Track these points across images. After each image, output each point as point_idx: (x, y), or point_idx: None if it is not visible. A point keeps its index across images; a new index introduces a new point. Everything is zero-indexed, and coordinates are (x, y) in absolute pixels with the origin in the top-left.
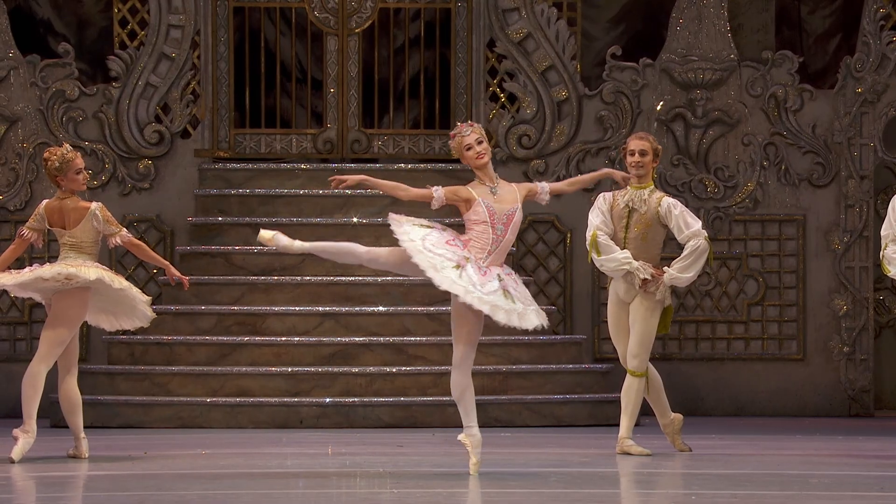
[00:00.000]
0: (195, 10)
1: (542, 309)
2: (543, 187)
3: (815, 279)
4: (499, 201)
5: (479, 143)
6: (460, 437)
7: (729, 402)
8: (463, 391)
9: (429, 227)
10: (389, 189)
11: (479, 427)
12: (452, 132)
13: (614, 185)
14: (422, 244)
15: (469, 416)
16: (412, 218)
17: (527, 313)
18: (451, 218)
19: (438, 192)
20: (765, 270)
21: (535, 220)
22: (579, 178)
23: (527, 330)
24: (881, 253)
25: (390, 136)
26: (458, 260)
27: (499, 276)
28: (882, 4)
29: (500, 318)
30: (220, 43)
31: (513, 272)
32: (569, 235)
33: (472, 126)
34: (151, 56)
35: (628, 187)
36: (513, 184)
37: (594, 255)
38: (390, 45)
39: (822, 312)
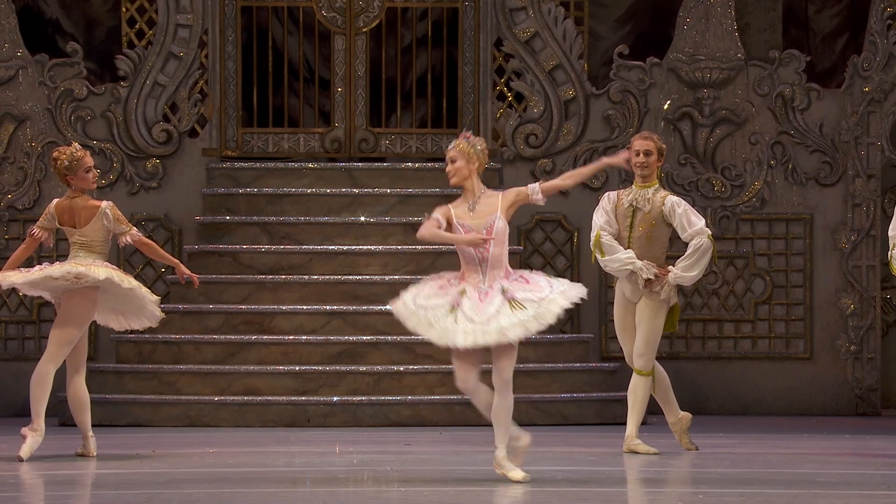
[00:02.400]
0: (203, 10)
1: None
2: (534, 188)
3: (823, 278)
4: (477, 216)
5: (453, 161)
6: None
7: (736, 401)
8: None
9: (423, 282)
10: (435, 237)
11: (488, 426)
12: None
13: (621, 183)
14: (413, 304)
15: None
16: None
17: (542, 312)
18: None
19: (429, 223)
20: (772, 269)
21: (542, 219)
22: (577, 171)
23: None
24: (889, 253)
25: (398, 136)
26: (453, 301)
27: (502, 288)
28: (889, 3)
29: (513, 335)
30: (228, 42)
31: (522, 273)
32: (576, 234)
33: (466, 139)
34: (159, 55)
35: (633, 186)
36: (499, 192)
37: (598, 256)
38: (398, 44)
39: (830, 311)
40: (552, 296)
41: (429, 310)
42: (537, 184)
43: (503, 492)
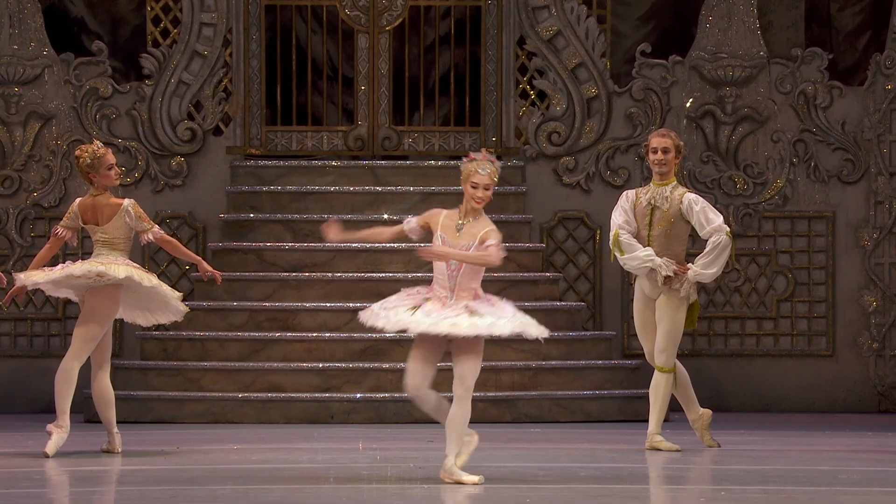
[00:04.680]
0: (227, 9)
1: (573, 305)
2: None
3: (845, 275)
4: (460, 237)
5: (486, 189)
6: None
7: (758, 399)
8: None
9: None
10: (367, 237)
11: (510, 423)
12: (472, 155)
13: (643, 182)
14: (380, 307)
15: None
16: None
17: (497, 323)
18: None
19: (411, 224)
20: (794, 267)
21: (564, 216)
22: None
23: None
24: None
25: (421, 134)
26: (417, 302)
27: (466, 305)
28: None
29: (464, 326)
30: (252, 41)
31: (490, 298)
32: (598, 232)
33: (492, 163)
34: (184, 54)
35: (651, 184)
36: (488, 221)
37: (617, 254)
38: (421, 42)
39: (852, 309)
40: (514, 318)
41: (391, 310)
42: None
43: (526, 488)
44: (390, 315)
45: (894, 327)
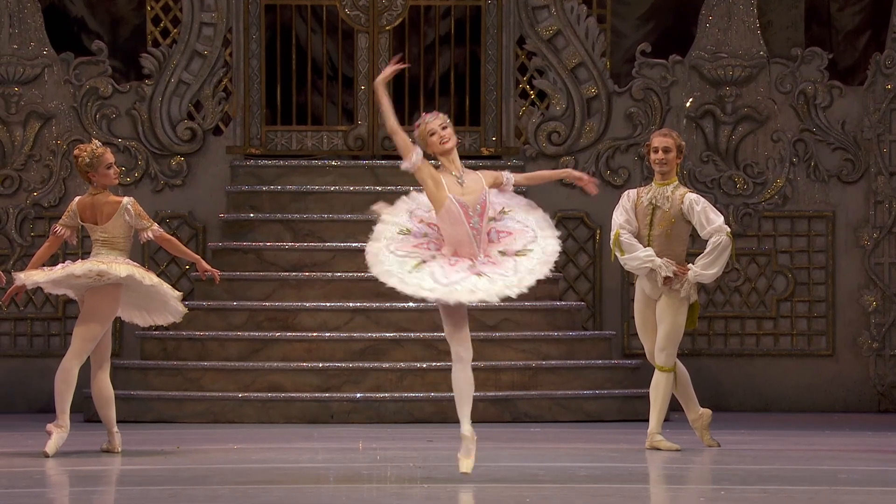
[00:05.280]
0: (227, 8)
1: (573, 305)
2: (509, 178)
3: (845, 275)
4: (467, 192)
5: (444, 128)
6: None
7: (757, 399)
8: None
9: (420, 261)
10: (386, 110)
11: (510, 423)
12: (416, 122)
13: (643, 181)
14: (441, 286)
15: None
16: (392, 257)
17: (497, 286)
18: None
19: (418, 155)
20: (794, 267)
21: (564, 216)
22: (539, 173)
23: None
24: None
25: None
26: (471, 271)
27: (500, 252)
28: None
29: (464, 298)
30: (252, 40)
31: (498, 230)
32: (598, 232)
33: (436, 113)
34: (184, 54)
35: (652, 184)
36: (478, 172)
37: (618, 254)
38: (421, 42)
39: (852, 308)
40: (539, 238)
41: (460, 283)
42: (511, 175)
43: (526, 487)
44: (392, 268)
45: (894, 327)
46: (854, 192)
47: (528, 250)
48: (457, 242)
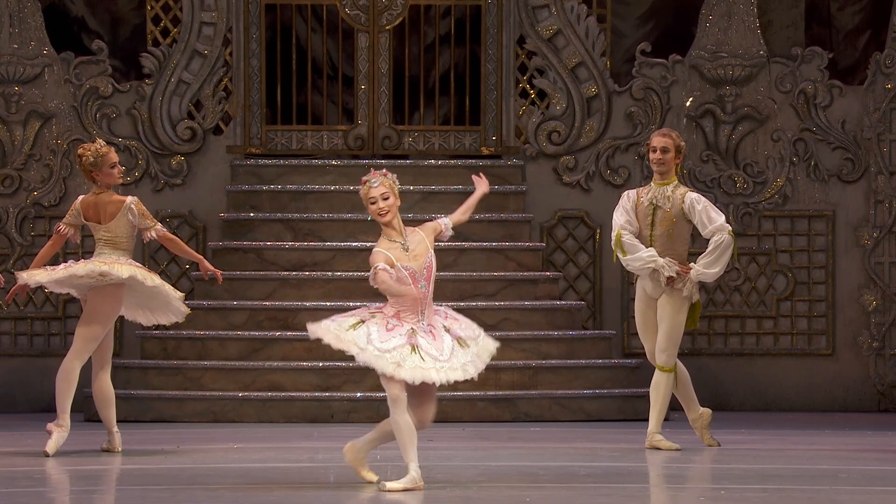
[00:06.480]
0: (227, 8)
1: (573, 304)
2: (447, 224)
3: (845, 275)
4: (413, 258)
5: (385, 198)
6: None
7: (757, 398)
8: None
9: (359, 321)
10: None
11: (510, 422)
12: (364, 178)
13: (643, 181)
14: (374, 348)
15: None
16: (331, 322)
17: (480, 351)
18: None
19: (384, 267)
20: (794, 266)
21: (564, 216)
22: (467, 202)
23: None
24: None
25: (421, 133)
26: (409, 340)
27: (444, 327)
28: None
29: (472, 371)
30: (252, 40)
31: (447, 311)
32: (598, 231)
33: (384, 176)
34: (184, 53)
35: (652, 184)
36: (418, 229)
37: (619, 255)
38: (421, 41)
39: (852, 308)
40: (482, 336)
41: (392, 351)
42: (447, 218)
43: (526, 487)
44: (398, 358)
45: (894, 326)
46: (854, 191)
47: (470, 340)
48: (401, 302)
